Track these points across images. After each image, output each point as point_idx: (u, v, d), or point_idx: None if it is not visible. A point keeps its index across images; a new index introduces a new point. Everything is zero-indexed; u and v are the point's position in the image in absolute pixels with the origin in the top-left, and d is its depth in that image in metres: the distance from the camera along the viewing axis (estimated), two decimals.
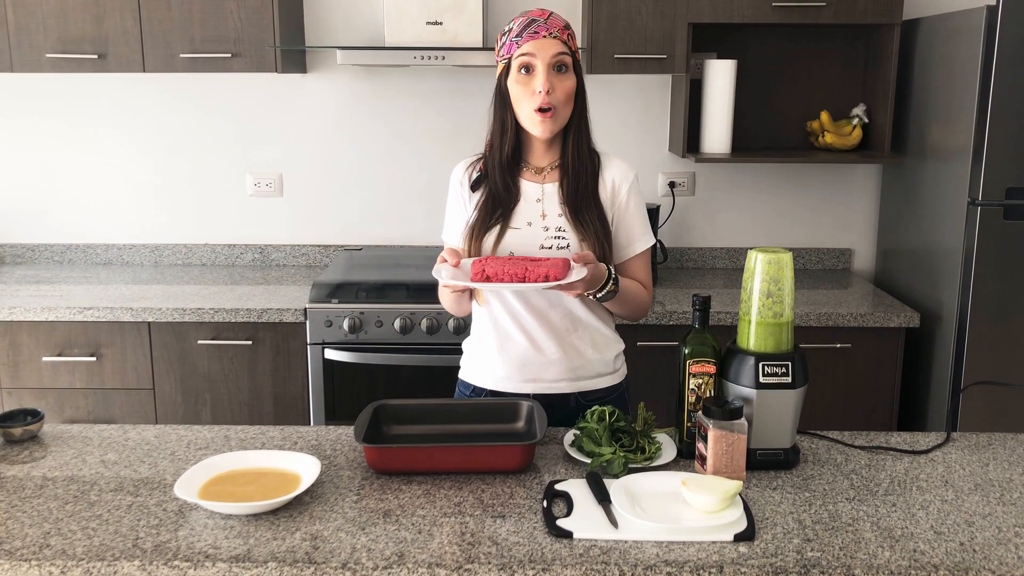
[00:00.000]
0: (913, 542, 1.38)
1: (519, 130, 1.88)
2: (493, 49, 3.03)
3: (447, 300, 1.94)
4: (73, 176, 3.47)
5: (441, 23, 3.04)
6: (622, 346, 2.02)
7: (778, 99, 3.33)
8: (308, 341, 2.86)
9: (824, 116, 3.21)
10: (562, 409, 1.90)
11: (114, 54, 3.00)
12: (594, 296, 1.82)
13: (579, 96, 1.87)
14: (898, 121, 3.13)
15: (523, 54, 1.80)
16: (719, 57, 3.21)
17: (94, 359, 2.89)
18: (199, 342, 2.88)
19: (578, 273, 1.70)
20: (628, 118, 3.39)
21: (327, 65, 3.36)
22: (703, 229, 3.48)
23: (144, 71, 3.01)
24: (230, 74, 3.33)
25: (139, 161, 3.45)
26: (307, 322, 2.85)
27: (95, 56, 2.99)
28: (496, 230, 1.86)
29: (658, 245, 3.22)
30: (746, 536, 1.37)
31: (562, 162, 1.90)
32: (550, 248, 1.86)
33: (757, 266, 1.61)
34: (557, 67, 1.81)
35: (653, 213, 3.21)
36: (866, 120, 3.21)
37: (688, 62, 3.01)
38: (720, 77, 3.09)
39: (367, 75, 3.37)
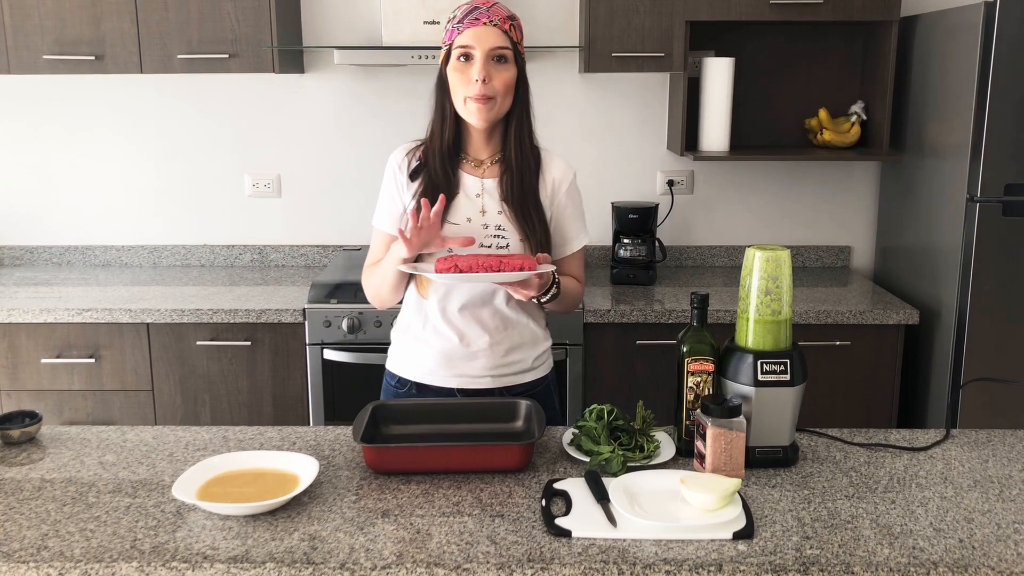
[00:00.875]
0: (912, 539, 1.38)
1: (459, 119, 1.87)
2: None
3: (385, 287, 1.89)
4: (71, 178, 3.46)
5: (438, 22, 3.03)
6: (549, 342, 2.04)
7: (776, 97, 3.33)
8: (307, 341, 2.86)
9: (822, 113, 3.21)
10: None
11: (111, 55, 2.99)
12: (539, 300, 1.84)
13: (520, 89, 1.85)
14: (896, 118, 3.13)
15: (462, 44, 1.80)
16: (717, 55, 3.21)
17: (93, 361, 2.88)
18: (198, 343, 2.87)
19: (547, 266, 1.74)
20: (626, 116, 3.38)
21: (325, 65, 3.36)
22: (701, 227, 3.48)
23: (141, 72, 3.01)
24: (228, 75, 3.33)
25: (137, 162, 3.45)
26: (306, 322, 2.84)
27: (92, 58, 2.99)
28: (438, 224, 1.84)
29: (657, 243, 3.22)
30: (745, 534, 1.37)
31: (503, 156, 1.89)
32: (489, 247, 1.86)
33: (755, 264, 1.61)
34: (497, 58, 1.80)
35: (651, 211, 3.21)
36: (864, 117, 3.21)
37: (686, 60, 3.01)
38: (718, 75, 3.09)
39: (365, 75, 3.37)
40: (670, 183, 3.41)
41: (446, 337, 1.91)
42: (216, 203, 3.47)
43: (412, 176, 1.90)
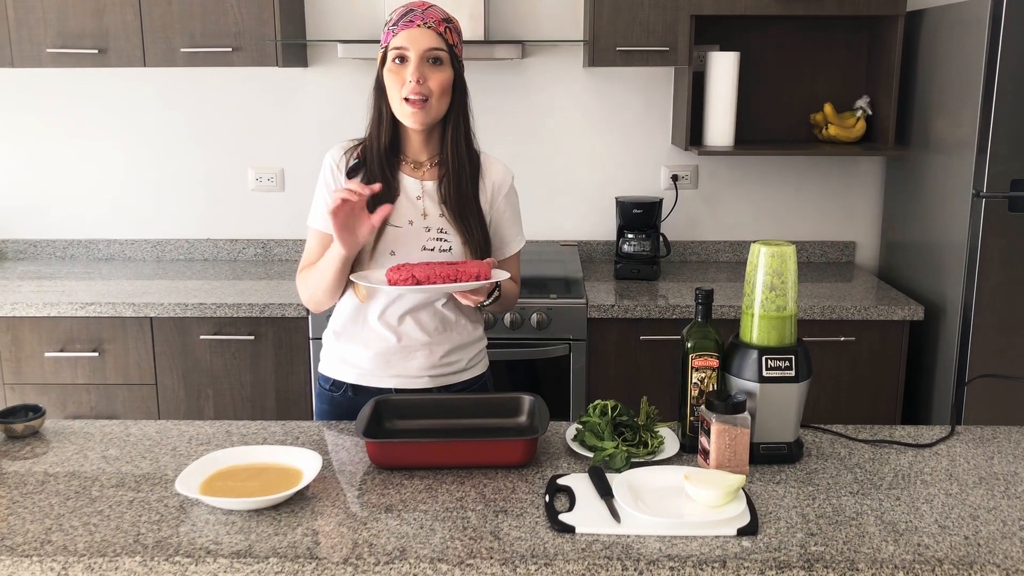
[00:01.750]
0: (917, 536, 1.37)
1: (396, 121, 1.87)
2: (495, 43, 3.03)
3: (321, 289, 1.85)
4: (74, 172, 3.46)
5: None
6: (484, 342, 2.05)
7: (781, 91, 3.32)
8: (310, 336, 2.86)
9: (827, 108, 3.20)
10: None
11: (114, 49, 2.99)
12: (481, 305, 1.84)
13: (457, 91, 1.85)
14: (902, 113, 3.11)
15: (397, 46, 1.80)
16: (722, 49, 3.20)
17: (96, 355, 2.89)
18: (201, 337, 2.87)
19: (501, 274, 1.76)
20: (630, 111, 3.38)
21: (328, 59, 3.35)
22: (706, 222, 3.47)
23: (145, 66, 3.01)
24: (231, 68, 3.32)
25: (140, 156, 3.45)
26: (309, 317, 2.84)
27: (95, 51, 2.98)
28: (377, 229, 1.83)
29: (661, 239, 3.21)
30: (749, 530, 1.37)
31: (441, 158, 1.89)
32: (432, 250, 1.85)
33: (760, 259, 1.60)
34: (432, 59, 1.80)
35: (656, 206, 3.21)
36: (870, 112, 3.20)
37: (691, 54, 3.00)
38: (723, 69, 3.08)
39: (368, 68, 3.35)
40: (674, 178, 3.40)
41: (383, 338, 1.90)
42: (220, 197, 3.47)
43: (350, 174, 1.89)
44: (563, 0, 3.28)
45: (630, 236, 3.18)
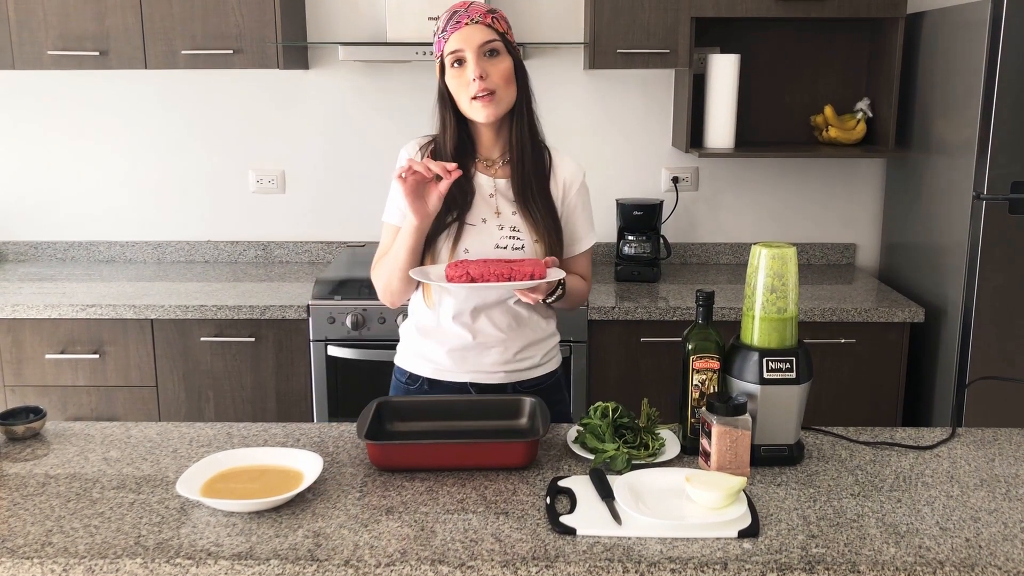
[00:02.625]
0: (918, 538, 1.37)
1: (463, 124, 1.87)
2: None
3: (395, 277, 1.85)
4: (75, 174, 3.46)
5: None
6: (557, 338, 2.05)
7: (782, 93, 3.32)
8: (311, 338, 2.86)
9: (828, 110, 3.20)
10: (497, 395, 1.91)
11: (115, 51, 2.99)
12: (545, 302, 1.84)
13: (519, 77, 1.85)
14: (902, 115, 3.12)
15: (452, 49, 1.80)
16: (722, 51, 3.20)
17: (97, 356, 2.89)
18: (202, 339, 2.87)
19: (556, 273, 1.75)
20: (631, 113, 3.38)
21: (329, 61, 3.35)
22: (706, 224, 3.47)
23: (146, 68, 3.01)
24: (232, 71, 3.32)
25: (141, 158, 3.45)
26: (310, 319, 2.84)
27: (96, 53, 2.99)
28: (454, 227, 1.85)
29: (661, 240, 3.21)
30: (750, 532, 1.37)
31: (510, 151, 1.89)
32: (505, 248, 1.86)
33: (761, 261, 1.60)
34: (488, 52, 1.80)
35: (656, 208, 3.21)
36: (870, 114, 3.20)
37: (691, 57, 3.00)
38: (723, 72, 3.08)
39: (369, 71, 3.36)
40: (675, 180, 3.40)
41: (459, 335, 1.92)
42: (220, 199, 3.47)
43: None
44: (563, 2, 3.28)
45: (631, 238, 3.18)
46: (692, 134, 3.13)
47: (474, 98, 1.79)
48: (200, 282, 3.15)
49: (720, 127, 3.11)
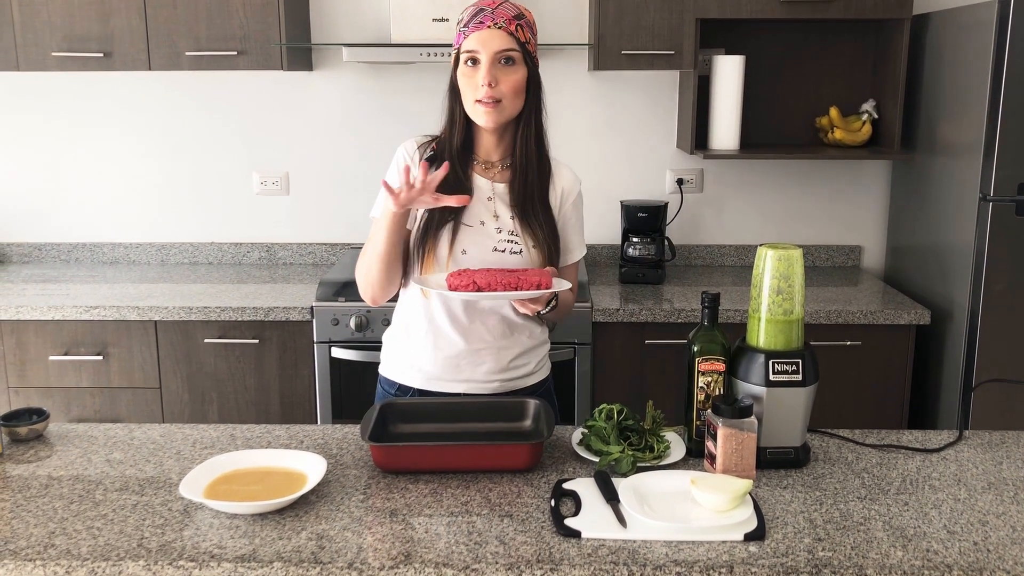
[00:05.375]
0: (926, 542, 1.36)
1: (469, 122, 1.86)
2: None
3: (375, 268, 1.81)
4: (79, 175, 3.47)
5: (447, 20, 3.02)
6: (548, 346, 2.03)
7: (787, 95, 3.31)
8: (315, 340, 2.85)
9: (833, 112, 3.19)
10: None
11: (119, 52, 2.99)
12: (539, 313, 1.83)
13: (531, 89, 1.83)
14: (908, 117, 3.11)
15: (468, 49, 1.78)
16: (727, 53, 3.20)
17: (100, 358, 2.88)
18: (206, 341, 2.87)
19: (562, 284, 1.75)
20: (635, 115, 3.37)
21: (333, 63, 3.35)
22: (711, 226, 3.46)
23: (150, 69, 3.01)
24: (236, 72, 3.32)
25: (145, 160, 3.45)
26: (314, 321, 2.84)
27: (100, 54, 2.99)
28: (450, 226, 1.83)
29: (666, 242, 3.21)
30: (756, 535, 1.36)
31: (512, 158, 1.88)
32: (503, 252, 1.84)
33: (767, 263, 1.60)
34: (504, 60, 1.78)
35: (661, 210, 3.20)
36: (876, 116, 3.19)
37: (696, 58, 2.99)
38: (728, 73, 3.07)
39: (373, 72, 3.36)
40: (679, 181, 3.39)
41: (452, 341, 1.89)
42: (224, 201, 3.47)
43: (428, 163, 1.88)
44: (568, 3, 3.28)
45: (635, 240, 3.17)
46: (697, 136, 3.13)
47: (478, 102, 1.78)
48: (204, 284, 3.15)
49: (725, 129, 3.10)
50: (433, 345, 1.90)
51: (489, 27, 1.77)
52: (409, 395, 1.94)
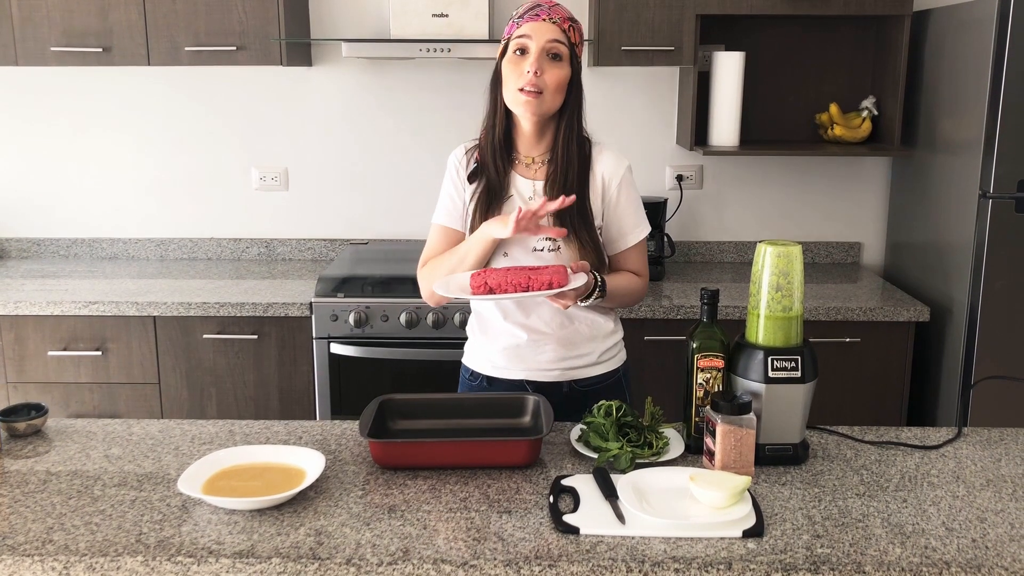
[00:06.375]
0: (924, 538, 1.36)
1: (510, 115, 1.87)
2: (499, 41, 3.02)
3: (457, 273, 1.88)
4: (78, 170, 3.46)
5: (447, 15, 3.02)
6: (620, 334, 2.03)
7: (787, 91, 3.31)
8: (314, 335, 2.85)
9: (833, 108, 3.18)
10: (554, 396, 1.88)
11: (119, 48, 2.99)
12: (581, 304, 1.83)
13: (572, 90, 1.85)
14: (908, 113, 3.10)
15: (520, 35, 1.81)
16: (727, 49, 3.19)
17: (99, 353, 2.88)
18: (204, 336, 2.87)
19: (577, 280, 1.73)
20: (635, 110, 3.37)
21: (333, 58, 3.34)
22: (711, 222, 3.46)
23: (149, 64, 3.00)
24: (235, 67, 3.32)
25: (144, 155, 3.44)
26: (313, 316, 2.84)
27: (100, 49, 2.98)
28: None
29: (665, 239, 3.20)
30: (755, 532, 1.36)
31: (551, 156, 1.88)
32: (541, 250, 1.86)
33: (766, 259, 1.59)
34: (552, 55, 1.80)
35: (660, 206, 3.19)
36: (876, 112, 3.19)
37: (696, 54, 2.99)
38: (728, 69, 3.06)
39: (373, 68, 3.35)
40: (679, 178, 3.39)
41: (513, 335, 1.93)
42: (223, 196, 3.46)
43: (469, 179, 1.91)
44: None
45: None
46: (696, 132, 3.13)
47: (520, 90, 1.79)
48: (203, 279, 3.15)
49: (725, 125, 3.10)
50: (496, 336, 1.95)
51: (544, 20, 1.81)
52: (479, 381, 2.00)
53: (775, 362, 1.58)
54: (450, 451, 1.59)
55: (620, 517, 1.39)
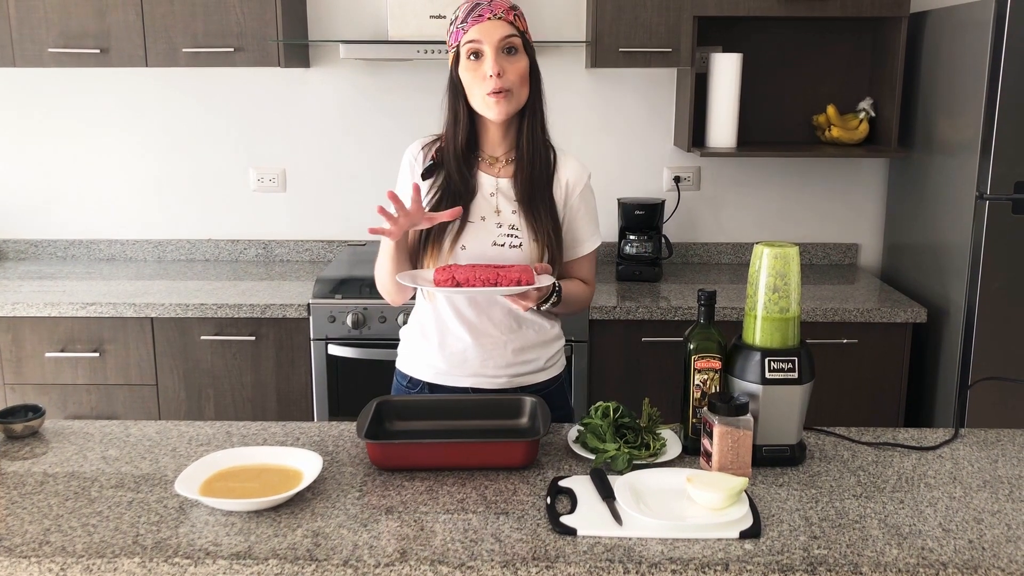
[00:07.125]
0: (921, 539, 1.36)
1: (473, 118, 1.86)
2: None
3: (386, 280, 1.87)
4: (76, 172, 3.46)
5: (444, 16, 3.02)
6: (562, 341, 2.02)
7: (784, 93, 3.31)
8: (311, 337, 2.85)
9: (830, 110, 3.19)
10: None
11: (116, 49, 2.99)
12: (539, 307, 1.83)
13: (533, 78, 1.84)
14: (905, 115, 3.11)
15: (470, 40, 1.78)
16: (725, 51, 3.19)
17: (97, 355, 2.88)
18: (202, 338, 2.87)
19: (544, 280, 1.73)
20: (633, 112, 3.37)
21: (330, 59, 3.35)
22: (708, 224, 3.46)
23: (146, 66, 3.00)
24: (233, 69, 3.32)
25: (142, 156, 3.44)
26: (310, 318, 2.84)
27: (97, 51, 2.98)
28: (455, 224, 1.83)
29: (663, 240, 3.21)
30: (752, 533, 1.36)
31: (517, 150, 1.88)
32: (502, 246, 1.84)
33: (763, 261, 1.60)
34: (507, 49, 1.78)
35: (658, 208, 3.20)
36: (873, 114, 3.19)
37: (693, 56, 2.99)
38: (726, 71, 3.07)
39: (370, 69, 3.36)
40: (676, 179, 3.39)
41: (459, 337, 1.90)
42: (221, 197, 3.46)
43: (424, 175, 1.88)
44: (565, 1, 3.28)
45: (632, 237, 3.17)
46: (694, 133, 3.13)
47: (489, 94, 1.78)
48: (200, 281, 3.14)
49: (722, 126, 3.10)
50: (441, 340, 1.91)
51: (489, 18, 1.78)
52: (419, 388, 1.96)
53: (772, 363, 1.58)
54: (447, 452, 1.59)
55: (617, 518, 1.39)
